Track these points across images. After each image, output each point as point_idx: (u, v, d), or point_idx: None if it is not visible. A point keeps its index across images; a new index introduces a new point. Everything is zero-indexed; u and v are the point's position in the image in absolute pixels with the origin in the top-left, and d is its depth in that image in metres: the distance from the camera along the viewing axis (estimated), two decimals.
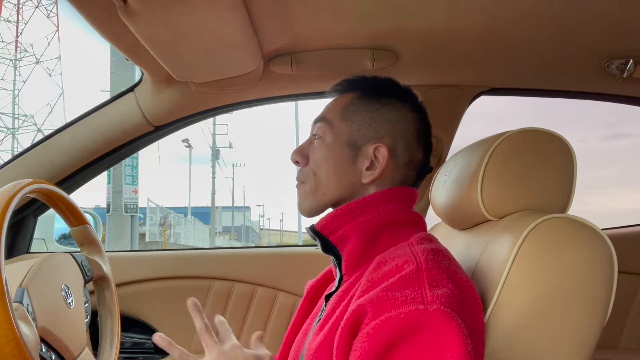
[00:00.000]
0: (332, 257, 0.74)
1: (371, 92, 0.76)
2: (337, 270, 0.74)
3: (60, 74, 28.35)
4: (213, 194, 22.59)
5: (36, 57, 25.51)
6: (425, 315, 0.52)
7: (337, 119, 0.75)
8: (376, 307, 0.55)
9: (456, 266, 0.63)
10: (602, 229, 0.61)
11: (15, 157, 1.28)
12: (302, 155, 0.77)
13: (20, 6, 24.69)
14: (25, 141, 25.46)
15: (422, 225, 0.74)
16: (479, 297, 0.61)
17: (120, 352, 1.35)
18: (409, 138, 0.74)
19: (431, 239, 0.68)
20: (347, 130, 0.74)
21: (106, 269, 1.02)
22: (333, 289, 0.74)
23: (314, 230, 0.73)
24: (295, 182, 0.78)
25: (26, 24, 24.92)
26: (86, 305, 0.98)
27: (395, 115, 0.74)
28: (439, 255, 0.62)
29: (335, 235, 0.71)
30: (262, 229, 42.08)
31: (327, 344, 0.61)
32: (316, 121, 0.77)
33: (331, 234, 0.71)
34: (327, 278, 0.87)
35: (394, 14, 0.97)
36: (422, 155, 0.76)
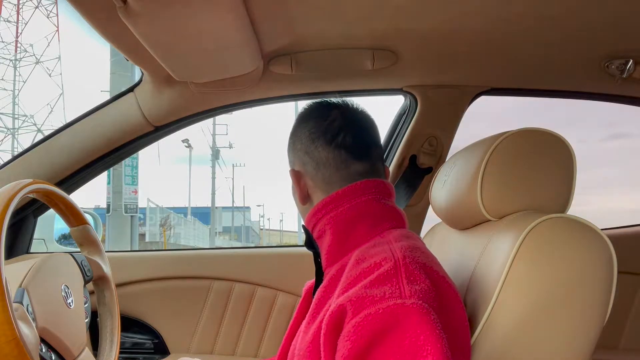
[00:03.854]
0: (313, 255, 0.77)
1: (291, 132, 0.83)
2: (316, 266, 0.76)
3: (60, 74, 28.43)
4: (213, 194, 22.60)
5: (36, 57, 25.52)
6: (403, 309, 0.53)
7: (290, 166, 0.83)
8: (355, 305, 0.56)
9: (433, 263, 0.64)
10: (602, 229, 0.61)
11: (15, 157, 1.28)
12: None
13: (20, 6, 24.71)
14: (25, 141, 25.49)
15: (400, 220, 0.74)
16: (458, 294, 0.62)
17: (120, 352, 1.35)
18: (305, 147, 0.77)
19: (409, 235, 0.69)
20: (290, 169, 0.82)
21: (106, 269, 1.02)
22: (316, 284, 0.76)
23: (304, 228, 0.77)
24: None
25: (26, 24, 24.93)
26: (86, 305, 0.98)
27: (293, 140, 0.80)
28: (416, 251, 0.63)
29: (316, 230, 0.74)
30: (262, 229, 42.09)
31: (315, 344, 0.62)
32: None
33: (313, 229, 0.75)
34: None
35: (394, 14, 0.97)
36: (331, 150, 0.75)
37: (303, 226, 0.78)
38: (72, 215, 0.95)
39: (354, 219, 0.71)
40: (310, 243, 0.76)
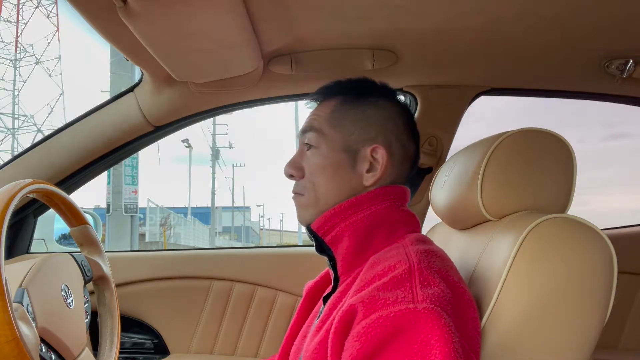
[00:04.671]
0: (326, 259, 0.74)
1: (352, 94, 0.76)
2: (332, 271, 0.74)
3: (60, 74, 28.38)
4: (213, 194, 22.59)
5: (36, 57, 25.52)
6: (415, 314, 0.53)
7: (327, 127, 0.74)
8: (367, 307, 0.56)
9: (449, 267, 0.63)
10: (602, 229, 0.61)
11: (15, 157, 1.28)
12: (295, 168, 0.76)
13: (20, 6, 24.70)
14: (25, 141, 25.49)
15: (416, 225, 0.74)
16: (473, 299, 0.61)
17: (120, 352, 1.35)
18: (399, 133, 0.75)
19: (425, 240, 0.69)
20: (340, 137, 0.73)
21: (106, 269, 1.02)
22: (330, 290, 0.74)
23: (310, 230, 0.73)
24: (292, 195, 0.77)
25: (26, 24, 24.93)
26: (86, 305, 0.98)
27: (381, 113, 0.75)
28: (432, 256, 0.62)
29: (329, 235, 0.71)
30: (262, 229, 42.09)
31: (324, 345, 0.61)
32: (305, 131, 0.76)
33: (326, 234, 0.71)
34: (326, 279, 0.87)
35: (394, 14, 0.97)
36: (414, 147, 0.77)
37: (308, 228, 0.73)
38: (72, 215, 0.95)
39: (374, 227, 0.70)
40: (320, 247, 0.73)
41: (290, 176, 0.76)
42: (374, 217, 0.70)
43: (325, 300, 0.74)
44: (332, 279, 0.74)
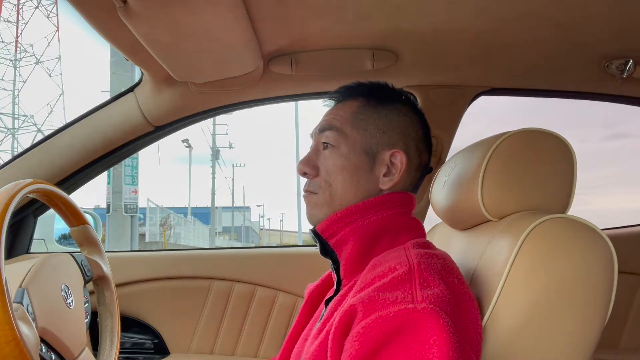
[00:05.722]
0: (330, 262, 0.74)
1: (375, 98, 0.76)
2: (335, 274, 0.74)
3: (60, 74, 28.38)
4: (213, 194, 22.59)
5: (36, 57, 25.52)
6: (414, 314, 0.53)
7: (349, 127, 0.74)
8: (367, 307, 0.56)
9: (451, 269, 0.63)
10: (602, 229, 0.61)
11: (15, 157, 1.28)
12: (310, 166, 0.75)
13: (20, 6, 24.70)
14: (25, 141, 25.49)
15: (420, 231, 0.74)
16: (475, 300, 0.61)
17: (120, 352, 1.35)
18: (418, 141, 0.76)
19: (428, 245, 0.69)
20: (361, 139, 0.73)
21: (106, 269, 1.02)
22: (332, 293, 0.74)
23: (315, 232, 0.73)
24: (303, 193, 0.77)
25: (26, 24, 24.93)
26: (86, 305, 0.98)
27: (403, 120, 0.75)
28: (433, 258, 0.63)
29: (334, 238, 0.71)
30: (262, 229, 42.09)
31: (323, 347, 0.61)
32: (323, 129, 0.75)
33: (330, 237, 0.72)
34: (328, 282, 0.87)
35: (394, 14, 0.97)
36: (427, 157, 0.79)
37: (313, 230, 0.73)
38: (72, 215, 0.95)
39: (378, 233, 0.70)
40: (324, 250, 0.73)
41: (304, 174, 0.76)
42: (379, 223, 0.70)
43: (327, 304, 0.74)
44: (335, 283, 0.74)
